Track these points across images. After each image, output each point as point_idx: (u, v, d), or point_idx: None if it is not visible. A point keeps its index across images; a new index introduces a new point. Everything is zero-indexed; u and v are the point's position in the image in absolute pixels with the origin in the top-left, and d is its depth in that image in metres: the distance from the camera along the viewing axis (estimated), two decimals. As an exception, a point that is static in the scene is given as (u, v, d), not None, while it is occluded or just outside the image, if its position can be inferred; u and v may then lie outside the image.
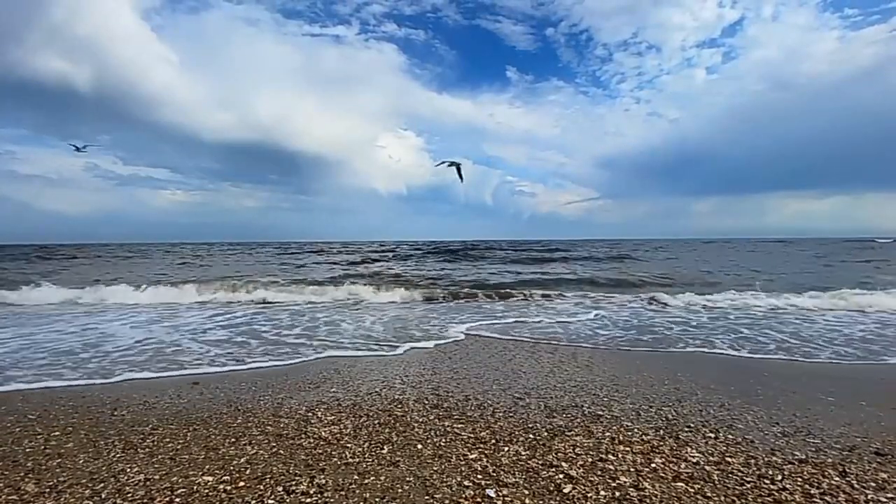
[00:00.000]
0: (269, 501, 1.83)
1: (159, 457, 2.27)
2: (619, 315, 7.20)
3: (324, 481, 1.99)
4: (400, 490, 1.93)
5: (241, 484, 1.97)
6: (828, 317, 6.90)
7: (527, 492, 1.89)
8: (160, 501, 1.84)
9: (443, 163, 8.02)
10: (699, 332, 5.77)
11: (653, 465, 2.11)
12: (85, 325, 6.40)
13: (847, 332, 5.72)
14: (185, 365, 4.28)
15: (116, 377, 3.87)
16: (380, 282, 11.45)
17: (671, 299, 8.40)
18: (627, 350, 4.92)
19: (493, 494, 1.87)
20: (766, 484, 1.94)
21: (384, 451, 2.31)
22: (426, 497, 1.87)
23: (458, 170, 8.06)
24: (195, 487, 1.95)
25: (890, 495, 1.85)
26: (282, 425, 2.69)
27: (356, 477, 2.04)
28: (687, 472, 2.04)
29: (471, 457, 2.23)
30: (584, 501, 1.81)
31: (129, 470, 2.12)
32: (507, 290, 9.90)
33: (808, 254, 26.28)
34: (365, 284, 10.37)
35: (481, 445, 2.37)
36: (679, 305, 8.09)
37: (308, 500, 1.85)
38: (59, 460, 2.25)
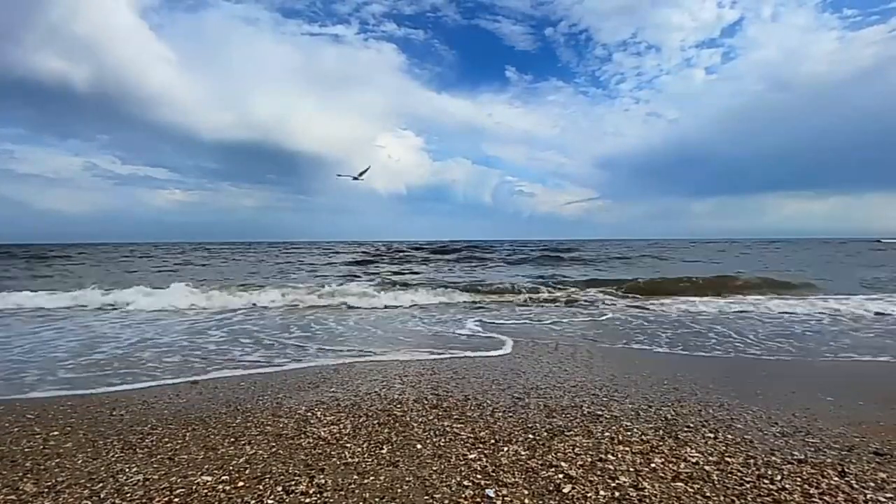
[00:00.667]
0: (269, 501, 1.83)
1: (158, 457, 2.27)
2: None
3: (323, 481, 1.99)
4: (399, 490, 1.93)
5: (241, 484, 1.97)
6: None
7: (526, 492, 1.89)
8: (159, 501, 1.84)
9: (355, 176, 9.25)
10: None
11: (652, 465, 2.11)
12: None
13: None
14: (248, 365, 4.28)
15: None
16: (400, 284, 11.20)
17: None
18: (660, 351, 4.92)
19: (492, 494, 1.87)
20: (766, 484, 1.94)
21: (383, 451, 2.30)
22: (425, 497, 1.87)
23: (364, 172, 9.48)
24: (194, 487, 1.94)
25: (889, 495, 1.85)
26: (281, 425, 2.69)
27: (356, 477, 2.04)
28: (686, 472, 2.04)
29: (470, 457, 2.23)
30: (583, 501, 1.81)
31: (127, 470, 2.12)
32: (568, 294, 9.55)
33: (832, 253, 25.79)
34: (383, 287, 10.24)
35: (481, 445, 2.37)
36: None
37: (307, 499, 1.85)
38: (58, 460, 2.24)
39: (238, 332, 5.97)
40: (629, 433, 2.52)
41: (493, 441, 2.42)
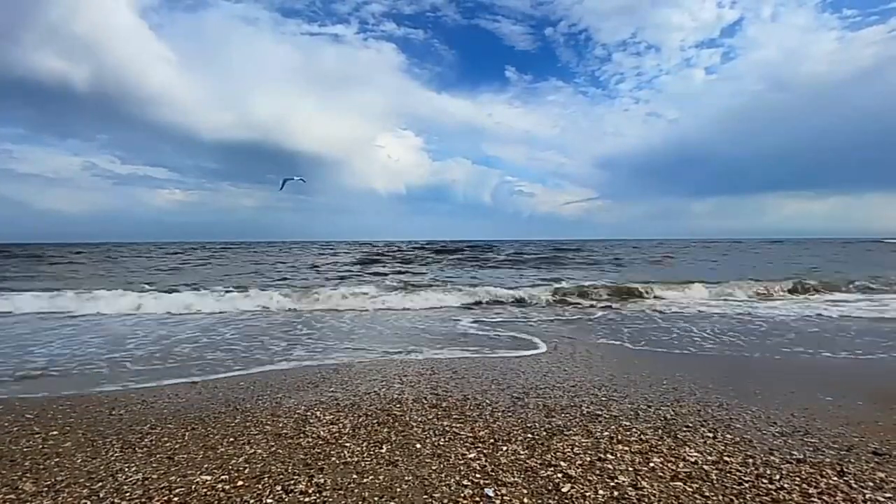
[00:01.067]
0: (268, 501, 1.83)
1: (157, 456, 2.27)
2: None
3: (322, 480, 1.99)
4: (398, 489, 1.93)
5: (240, 483, 1.97)
6: None
7: (525, 491, 1.89)
8: (158, 501, 1.84)
9: (284, 182, 10.55)
10: None
11: (651, 465, 2.11)
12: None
13: None
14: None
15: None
16: (408, 285, 11.01)
17: None
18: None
19: (491, 493, 1.87)
20: (765, 483, 1.94)
21: (383, 451, 2.30)
22: (425, 496, 1.87)
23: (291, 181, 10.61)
24: (193, 487, 1.94)
25: (888, 495, 1.85)
26: (280, 425, 2.69)
27: (355, 476, 2.04)
28: (685, 472, 2.05)
29: (469, 456, 2.23)
30: (582, 500, 1.82)
31: (127, 469, 2.12)
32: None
33: (859, 253, 25.58)
34: (393, 289, 10.06)
35: (480, 445, 2.37)
36: None
37: (307, 499, 1.85)
38: (57, 459, 2.24)
39: (255, 333, 5.98)
40: (628, 433, 2.52)
41: (492, 440, 2.42)
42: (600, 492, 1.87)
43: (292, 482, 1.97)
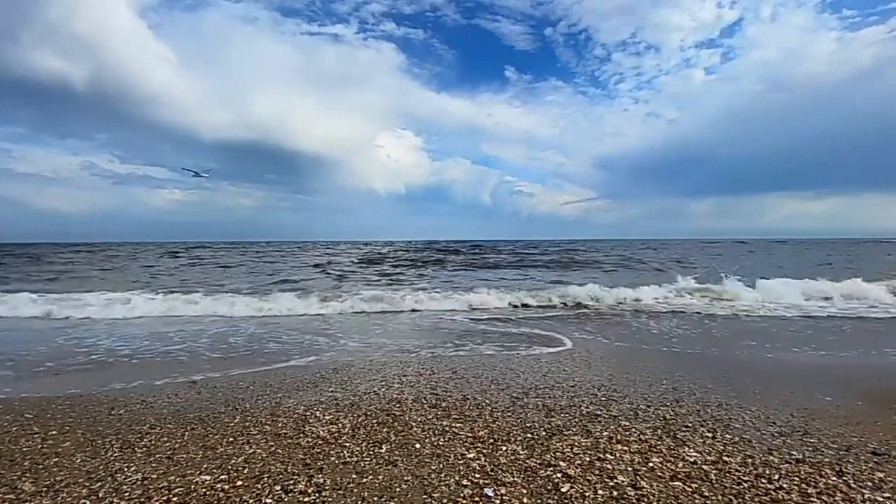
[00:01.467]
0: (267, 501, 1.83)
1: (157, 456, 2.27)
2: None
3: (322, 480, 1.99)
4: (398, 489, 1.93)
5: (239, 483, 1.97)
6: None
7: (525, 491, 1.89)
8: (157, 501, 1.84)
9: (194, 173, 11.62)
10: None
11: (650, 465, 2.11)
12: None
13: None
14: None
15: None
16: (415, 286, 10.92)
17: None
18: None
19: (491, 493, 1.87)
20: (764, 483, 1.94)
21: (382, 451, 2.31)
22: (424, 496, 1.87)
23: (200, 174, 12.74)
24: (193, 487, 1.94)
25: (887, 495, 1.86)
26: (280, 424, 2.69)
27: (354, 476, 2.04)
28: (684, 472, 2.05)
29: (469, 456, 2.23)
30: (581, 500, 1.82)
31: (126, 469, 2.12)
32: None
33: (874, 254, 25.36)
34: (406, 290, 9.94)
35: (479, 444, 2.37)
36: None
37: (306, 499, 1.85)
38: (57, 459, 2.24)
39: (279, 331, 5.99)
40: (627, 433, 2.52)
41: (491, 440, 2.42)
42: (599, 492, 1.88)
43: (292, 482, 1.98)
